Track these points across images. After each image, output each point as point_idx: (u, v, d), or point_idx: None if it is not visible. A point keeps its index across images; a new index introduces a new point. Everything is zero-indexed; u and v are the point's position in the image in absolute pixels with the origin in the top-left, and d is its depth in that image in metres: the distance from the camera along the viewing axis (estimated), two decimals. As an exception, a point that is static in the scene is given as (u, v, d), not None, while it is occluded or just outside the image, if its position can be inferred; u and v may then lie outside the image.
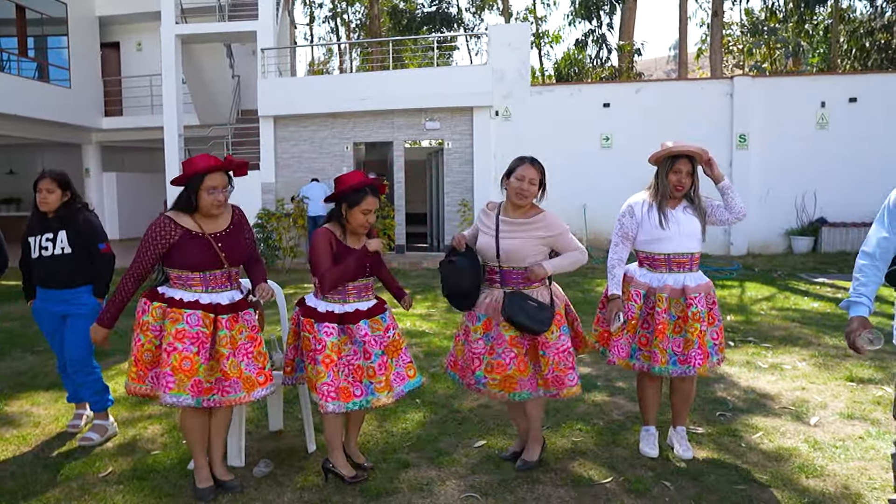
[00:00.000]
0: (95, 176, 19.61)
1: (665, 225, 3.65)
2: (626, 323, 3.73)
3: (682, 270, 3.70)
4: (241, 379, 3.33)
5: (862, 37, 22.76)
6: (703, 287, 3.69)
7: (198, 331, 3.27)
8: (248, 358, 3.37)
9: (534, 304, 3.48)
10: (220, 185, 3.32)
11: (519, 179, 3.54)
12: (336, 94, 15.19)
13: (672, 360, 3.65)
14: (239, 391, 3.31)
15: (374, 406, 3.45)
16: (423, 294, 9.87)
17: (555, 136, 14.21)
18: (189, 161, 3.36)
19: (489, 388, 3.57)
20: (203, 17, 16.95)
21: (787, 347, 6.29)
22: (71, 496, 3.48)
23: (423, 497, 3.43)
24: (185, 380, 3.22)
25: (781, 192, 13.92)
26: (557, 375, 3.52)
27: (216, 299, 3.36)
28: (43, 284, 4.18)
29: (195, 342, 3.26)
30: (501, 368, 3.52)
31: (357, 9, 35.85)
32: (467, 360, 3.65)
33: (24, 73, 16.78)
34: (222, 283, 3.40)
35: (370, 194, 3.44)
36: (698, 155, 3.67)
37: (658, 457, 3.84)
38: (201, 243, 3.33)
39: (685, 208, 3.72)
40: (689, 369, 3.60)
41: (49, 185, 4.06)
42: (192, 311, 3.29)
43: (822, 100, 13.84)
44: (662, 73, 37.13)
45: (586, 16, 27.77)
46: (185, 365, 3.22)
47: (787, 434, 4.20)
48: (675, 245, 3.68)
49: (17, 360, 6.32)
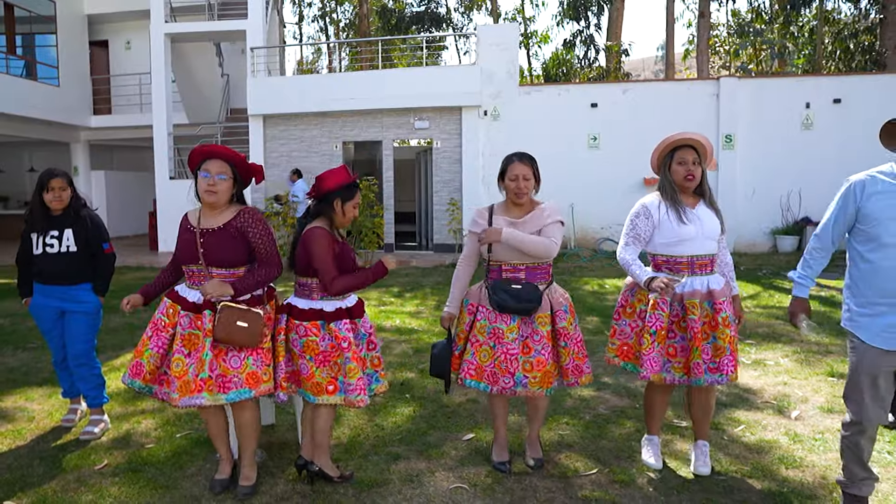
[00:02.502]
0: (84, 174, 19.53)
1: (687, 221, 3.42)
2: (656, 334, 3.47)
3: (705, 273, 3.49)
4: (180, 381, 3.24)
5: (846, 39, 22.99)
6: (726, 291, 3.52)
7: (159, 318, 3.41)
8: (195, 362, 3.28)
9: (518, 287, 3.47)
10: (213, 171, 3.33)
11: (513, 179, 3.53)
12: (325, 93, 15.23)
13: (704, 368, 3.43)
14: (174, 391, 3.24)
15: (377, 393, 3.63)
16: (412, 292, 9.94)
17: (543, 135, 14.30)
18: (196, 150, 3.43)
19: (531, 387, 3.48)
20: (192, 15, 16.94)
21: (770, 344, 6.41)
22: (67, 488, 3.54)
23: (413, 488, 3.51)
24: (132, 359, 3.39)
25: (767, 192, 14.08)
26: (577, 364, 3.57)
27: (185, 293, 3.40)
28: (44, 281, 4.23)
29: (153, 327, 3.40)
30: (541, 365, 3.48)
31: (346, 8, 35.88)
32: (502, 362, 3.50)
33: (13, 71, 16.70)
34: (198, 280, 3.38)
35: (358, 189, 3.55)
36: (701, 145, 3.47)
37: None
38: (188, 237, 3.40)
39: (702, 206, 3.52)
40: (722, 378, 3.40)
41: (62, 184, 4.14)
42: (166, 298, 3.45)
43: (807, 101, 14.00)
44: (650, 73, 37.35)
45: (574, 16, 27.92)
46: (139, 347, 3.41)
47: (769, 427, 4.31)
48: (697, 246, 3.45)
49: (8, 356, 6.35)
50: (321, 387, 3.37)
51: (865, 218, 2.96)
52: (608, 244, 14.24)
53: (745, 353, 6.07)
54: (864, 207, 2.95)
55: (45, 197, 4.13)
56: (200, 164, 3.38)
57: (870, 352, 2.96)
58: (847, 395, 3.12)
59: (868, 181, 2.97)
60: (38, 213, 4.17)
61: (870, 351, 2.96)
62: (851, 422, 3.08)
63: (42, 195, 4.13)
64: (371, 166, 17.25)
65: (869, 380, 2.98)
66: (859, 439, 3.06)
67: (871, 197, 2.94)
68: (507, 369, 3.49)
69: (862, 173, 3.02)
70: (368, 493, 3.45)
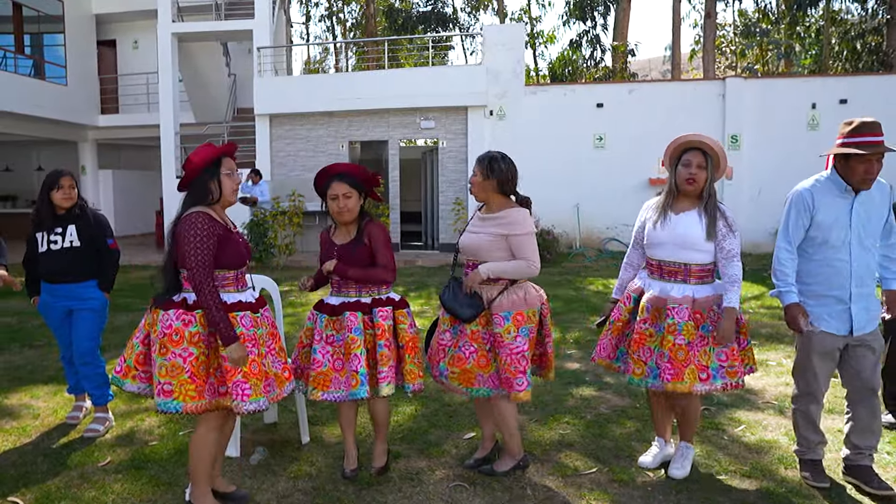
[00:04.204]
0: (91, 174, 19.63)
1: (660, 227, 3.45)
2: (613, 324, 3.64)
3: (673, 280, 3.45)
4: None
5: (853, 39, 22.89)
6: (698, 300, 3.38)
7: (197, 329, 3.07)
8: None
9: (464, 292, 3.46)
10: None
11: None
12: (332, 92, 15.28)
13: (653, 372, 3.41)
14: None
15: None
16: (417, 292, 9.97)
17: (549, 135, 14.31)
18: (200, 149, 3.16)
19: (450, 380, 3.52)
20: (200, 15, 17.00)
21: (773, 344, 6.42)
22: (71, 484, 3.57)
23: (413, 486, 3.54)
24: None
25: (772, 192, 14.02)
26: (507, 377, 3.39)
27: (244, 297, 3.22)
28: (49, 279, 4.29)
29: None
30: (461, 362, 3.47)
31: (353, 8, 35.92)
32: (434, 351, 3.66)
33: (21, 71, 16.81)
34: (243, 283, 3.25)
35: (335, 180, 3.51)
36: (711, 150, 3.39)
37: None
38: (234, 239, 3.19)
39: (692, 213, 3.42)
40: (657, 383, 3.39)
41: (71, 182, 4.24)
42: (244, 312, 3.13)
43: (813, 101, 13.98)
44: (657, 73, 37.24)
45: (581, 16, 27.86)
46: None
47: (769, 427, 4.32)
48: (665, 252, 3.45)
49: (15, 354, 6.40)
50: (413, 374, 3.53)
51: (816, 225, 3.37)
52: (613, 244, 14.23)
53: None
54: (816, 216, 3.37)
55: (55, 195, 4.20)
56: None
57: (819, 337, 3.39)
58: (798, 372, 3.54)
59: (815, 193, 3.40)
60: (44, 212, 4.24)
61: (819, 336, 3.38)
62: (803, 393, 3.53)
63: (50, 194, 4.20)
64: (377, 166, 17.27)
65: (819, 358, 3.41)
66: (811, 406, 3.51)
67: (818, 209, 3.36)
68: (436, 357, 3.62)
69: (804, 183, 3.48)
70: (369, 491, 3.47)
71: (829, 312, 3.38)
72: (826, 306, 3.38)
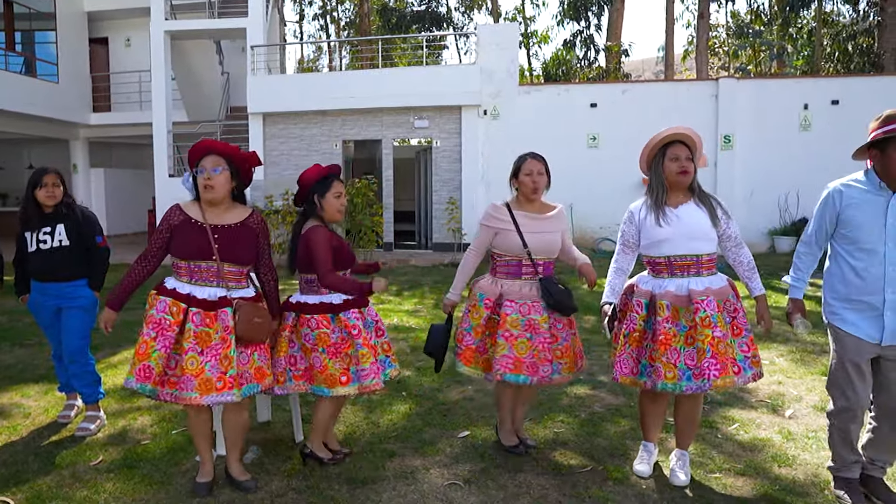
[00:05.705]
0: (83, 172, 19.52)
1: (663, 222, 3.35)
2: (629, 336, 3.45)
3: (687, 275, 3.37)
4: (199, 379, 3.18)
5: (845, 40, 22.98)
6: (714, 290, 3.34)
7: (161, 317, 3.23)
8: (215, 360, 3.21)
9: (563, 287, 3.72)
10: (208, 166, 3.30)
11: (528, 174, 3.67)
12: (325, 91, 15.24)
13: (686, 375, 3.26)
14: (191, 391, 3.17)
15: (391, 377, 3.76)
16: (411, 291, 9.95)
17: (542, 135, 14.30)
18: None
19: (563, 372, 3.67)
20: (192, 13, 16.94)
21: (766, 343, 6.43)
22: (63, 483, 3.55)
23: (407, 484, 3.53)
24: (136, 363, 3.19)
25: (765, 193, 14.11)
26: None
27: (191, 290, 3.30)
28: (39, 278, 4.24)
29: (156, 327, 3.22)
30: (568, 351, 3.69)
31: (347, 7, 35.90)
32: (541, 352, 3.60)
33: (12, 68, 16.70)
34: (208, 276, 3.32)
35: (336, 179, 3.62)
36: (692, 140, 3.38)
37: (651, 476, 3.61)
38: (195, 233, 3.31)
39: (690, 205, 3.41)
40: (705, 383, 3.20)
41: (56, 180, 4.17)
42: (164, 297, 3.28)
43: (806, 102, 14.04)
44: (650, 74, 37.35)
45: (575, 16, 27.92)
46: (140, 349, 3.21)
47: (763, 426, 4.33)
48: (676, 247, 3.36)
49: (5, 353, 6.36)
50: (335, 378, 3.47)
51: (844, 223, 3.21)
52: (607, 244, 14.26)
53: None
54: (843, 214, 3.20)
55: (38, 193, 4.15)
56: (198, 162, 3.37)
57: (852, 341, 3.19)
58: (833, 385, 3.31)
59: (845, 190, 3.22)
60: (31, 210, 4.20)
61: (851, 340, 3.19)
62: (841, 409, 3.26)
63: (34, 192, 4.16)
64: (371, 165, 17.27)
65: (853, 367, 3.20)
66: (850, 425, 3.25)
67: (848, 206, 3.19)
68: (546, 357, 3.61)
69: (838, 181, 3.28)
70: (363, 489, 3.46)
71: (860, 318, 3.18)
72: (858, 311, 3.18)
